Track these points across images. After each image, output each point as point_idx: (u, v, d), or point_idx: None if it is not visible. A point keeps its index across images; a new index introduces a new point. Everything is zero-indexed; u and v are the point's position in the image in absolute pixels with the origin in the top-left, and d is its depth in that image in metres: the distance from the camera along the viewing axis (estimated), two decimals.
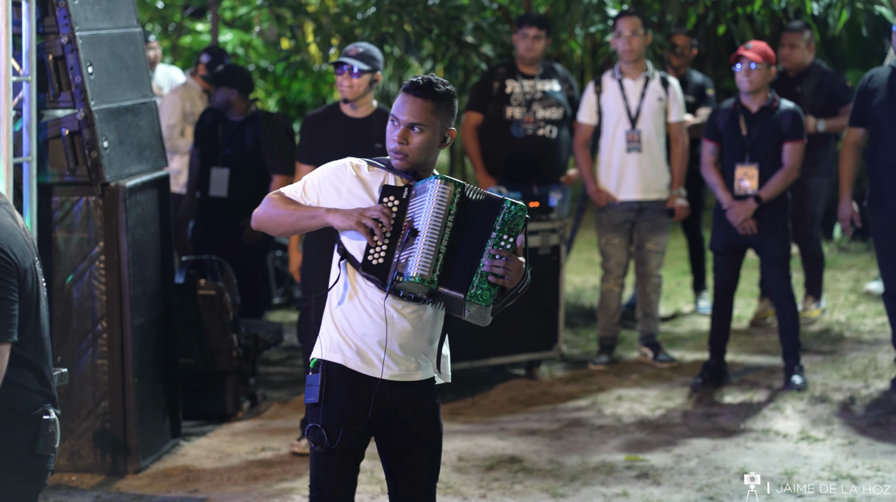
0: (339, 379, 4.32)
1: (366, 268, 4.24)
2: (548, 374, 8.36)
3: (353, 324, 4.32)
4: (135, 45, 6.75)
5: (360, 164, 4.36)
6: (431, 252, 4.20)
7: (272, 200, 4.36)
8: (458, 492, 6.37)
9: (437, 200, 4.21)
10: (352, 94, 6.72)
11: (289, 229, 4.37)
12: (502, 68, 8.73)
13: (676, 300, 10.14)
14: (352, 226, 4.22)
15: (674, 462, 6.76)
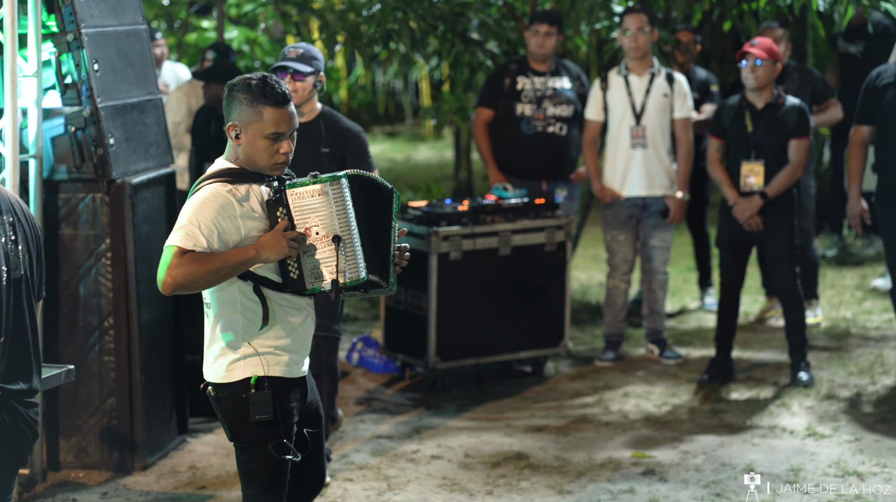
0: (283, 389, 4.42)
1: (291, 284, 4.36)
2: (554, 371, 8.36)
3: (277, 338, 4.42)
4: (140, 43, 6.76)
5: (228, 189, 4.32)
6: (357, 251, 4.33)
7: (188, 261, 4.19)
8: (464, 489, 6.38)
9: (338, 203, 4.31)
10: (297, 98, 6.26)
11: (213, 285, 4.32)
12: (513, 64, 8.72)
13: (682, 296, 10.14)
14: (285, 253, 4.29)
15: (680, 458, 6.76)
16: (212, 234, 4.24)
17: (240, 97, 4.33)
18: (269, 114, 4.30)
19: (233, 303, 4.39)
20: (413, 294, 7.98)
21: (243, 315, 4.39)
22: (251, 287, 4.36)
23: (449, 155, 16.98)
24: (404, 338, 8.10)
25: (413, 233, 7.97)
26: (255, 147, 4.33)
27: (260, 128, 4.32)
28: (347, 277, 4.32)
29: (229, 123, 4.36)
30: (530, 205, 8.19)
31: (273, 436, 4.39)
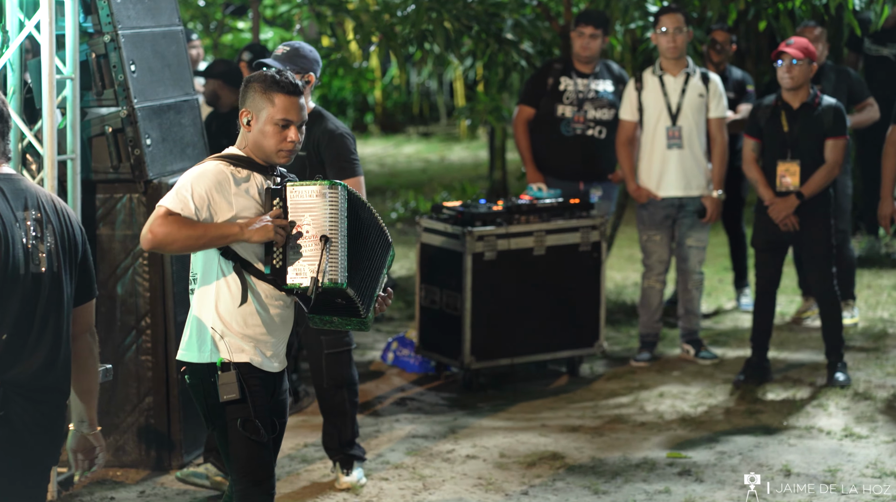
0: (249, 376, 4.50)
1: (272, 272, 4.44)
2: (589, 371, 8.35)
3: (249, 325, 4.49)
4: (177, 44, 6.79)
5: (230, 168, 4.46)
6: (341, 256, 4.42)
7: (172, 222, 4.32)
8: (499, 489, 6.38)
9: (332, 206, 4.43)
10: None
11: (192, 250, 4.43)
12: (558, 64, 8.72)
13: (718, 297, 10.10)
14: (270, 237, 4.39)
15: (716, 459, 6.74)
16: (202, 203, 4.37)
17: (254, 86, 4.53)
18: (280, 100, 4.49)
19: (211, 279, 4.49)
20: (448, 294, 7.99)
21: (218, 293, 4.48)
22: (232, 266, 4.46)
23: (483, 155, 16.98)
24: (439, 337, 8.11)
25: (448, 233, 7.98)
26: (265, 132, 4.50)
27: (271, 114, 4.49)
28: (327, 278, 4.39)
29: (242, 109, 4.54)
30: (565, 204, 8.19)
31: (242, 414, 4.47)
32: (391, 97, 19.68)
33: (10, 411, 3.97)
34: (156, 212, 4.36)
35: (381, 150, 18.12)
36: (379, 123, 19.49)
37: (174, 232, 4.31)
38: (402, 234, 12.86)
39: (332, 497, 6.28)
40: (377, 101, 19.49)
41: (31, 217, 4.05)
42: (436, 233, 8.10)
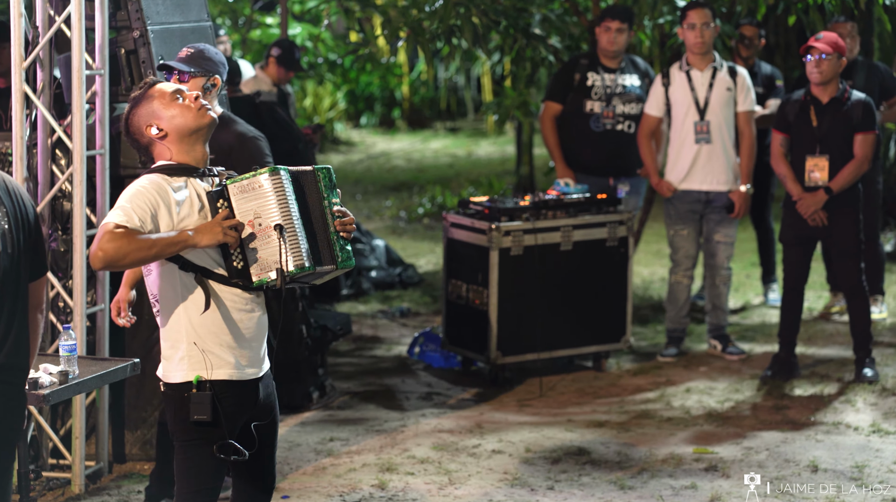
0: (224, 392, 4.42)
1: (235, 274, 4.36)
2: (615, 366, 8.35)
3: (223, 332, 4.40)
4: (205, 39, 6.81)
5: (167, 178, 4.36)
6: (300, 240, 4.33)
7: (120, 236, 4.19)
8: (525, 484, 6.39)
9: (278, 192, 4.32)
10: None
11: (143, 263, 4.32)
12: (584, 59, 8.71)
13: (746, 292, 10.08)
14: (221, 240, 4.29)
15: (743, 454, 6.73)
16: (145, 215, 4.25)
17: (133, 112, 4.44)
18: (154, 90, 4.43)
19: (175, 296, 4.40)
20: (474, 289, 8.00)
21: (185, 308, 4.39)
22: (193, 277, 4.37)
23: (510, 150, 16.98)
24: (465, 332, 8.12)
25: (474, 228, 7.99)
26: (175, 116, 4.39)
27: (161, 101, 4.41)
28: (292, 265, 4.31)
29: (145, 128, 4.42)
30: (592, 200, 8.18)
31: (213, 437, 4.40)
32: (419, 92, 19.70)
33: None
34: (102, 229, 4.22)
35: (409, 146, 18.14)
36: (406, 119, 19.52)
37: (124, 246, 4.17)
38: (429, 230, 12.88)
39: (358, 491, 6.31)
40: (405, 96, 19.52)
41: None
42: (462, 228, 8.11)
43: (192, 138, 4.43)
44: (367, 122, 19.23)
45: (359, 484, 6.39)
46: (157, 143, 4.42)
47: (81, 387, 5.22)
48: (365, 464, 6.66)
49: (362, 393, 7.92)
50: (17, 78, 6.20)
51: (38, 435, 6.32)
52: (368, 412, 7.55)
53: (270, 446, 4.69)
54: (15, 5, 6.13)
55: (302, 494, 6.26)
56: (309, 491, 6.29)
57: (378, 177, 15.80)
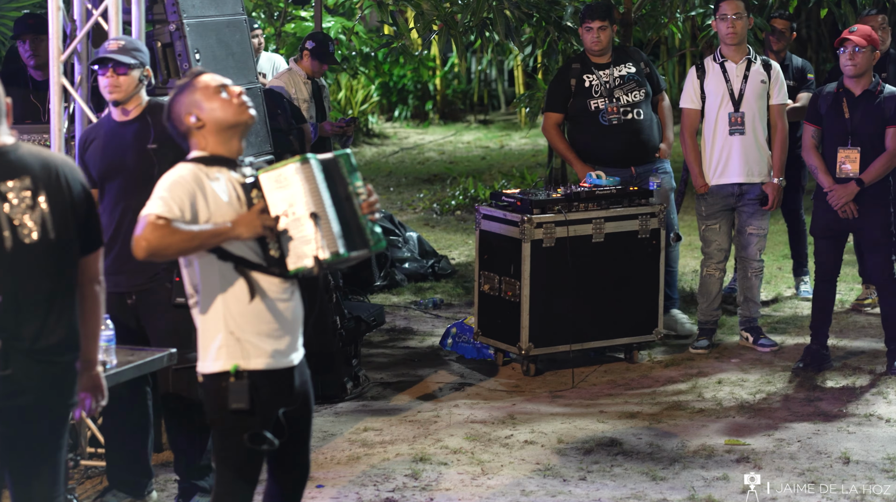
0: (262, 381, 4.47)
1: (273, 263, 4.42)
2: (647, 358, 8.37)
3: (263, 321, 4.47)
4: (241, 32, 6.88)
5: (202, 168, 4.43)
6: (334, 228, 4.38)
7: (163, 227, 4.26)
8: (557, 474, 6.42)
9: (309, 181, 4.39)
10: (121, 94, 5.76)
11: (186, 253, 4.39)
12: (575, 64, 8.70)
13: (777, 284, 10.08)
14: (259, 232, 4.37)
15: (775, 446, 6.75)
16: (184, 205, 4.32)
17: (175, 99, 4.52)
18: (199, 81, 4.51)
19: (214, 286, 4.45)
20: (506, 280, 8.04)
21: (224, 298, 4.45)
22: (231, 267, 4.43)
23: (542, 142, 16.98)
24: (498, 324, 8.16)
25: (507, 220, 8.02)
26: (216, 109, 4.48)
27: (204, 93, 4.49)
28: (328, 252, 4.38)
29: (185, 117, 4.50)
30: (624, 192, 8.21)
31: (249, 426, 4.45)
32: (451, 85, 19.72)
33: (17, 370, 4.16)
34: (143, 220, 4.29)
35: (441, 138, 18.16)
36: (439, 111, 19.54)
37: (166, 236, 4.26)
38: (462, 222, 12.92)
39: (392, 481, 6.36)
40: (437, 89, 19.54)
41: (22, 187, 4.16)
42: (495, 220, 8.14)
43: (229, 132, 4.51)
44: (401, 114, 19.27)
45: (392, 474, 6.44)
46: (195, 133, 4.50)
47: (119, 377, 5.28)
48: (398, 454, 6.71)
49: (396, 383, 7.97)
50: (55, 71, 6.28)
51: (76, 423, 6.39)
52: (402, 402, 7.60)
53: (305, 435, 4.74)
54: None
55: (336, 483, 6.31)
56: (343, 481, 6.35)
57: (411, 170, 15.84)
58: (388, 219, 10.87)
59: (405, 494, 6.20)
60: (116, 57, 5.70)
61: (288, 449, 4.66)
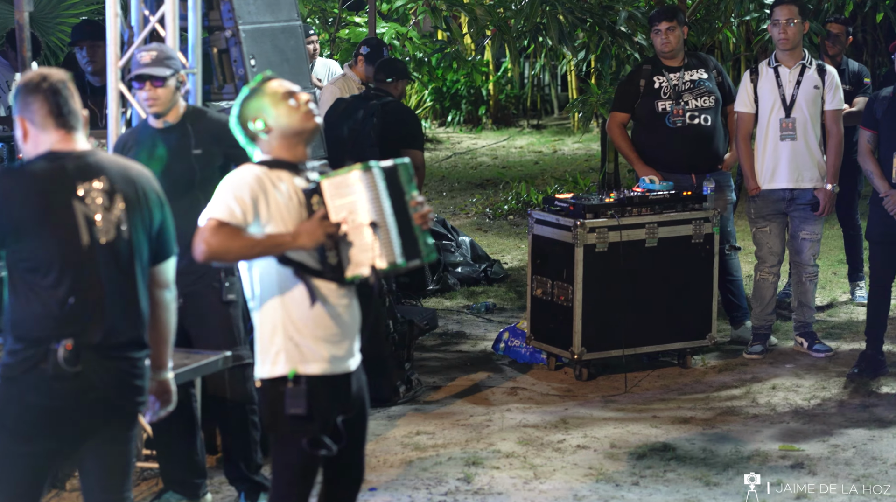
0: (319, 387, 4.49)
1: (330, 270, 4.44)
2: (701, 363, 8.34)
3: (322, 326, 4.49)
4: (295, 38, 6.92)
5: (266, 171, 4.46)
6: (393, 237, 4.41)
7: (225, 232, 4.32)
8: (610, 479, 6.42)
9: (371, 190, 4.41)
10: (160, 106, 5.81)
11: (245, 259, 4.44)
12: (647, 65, 8.70)
13: (832, 289, 10.02)
14: (321, 241, 4.40)
15: (829, 452, 6.71)
16: (246, 208, 4.37)
17: (244, 104, 4.57)
18: (268, 87, 4.55)
19: (273, 291, 4.48)
20: (559, 285, 8.03)
21: (284, 303, 4.48)
22: (291, 272, 4.46)
23: (595, 147, 16.96)
24: (550, 328, 8.16)
25: (559, 224, 8.03)
26: (282, 115, 4.51)
27: (272, 98, 4.53)
28: (385, 262, 4.41)
29: (253, 120, 4.54)
30: (677, 196, 8.18)
31: (306, 431, 4.47)
32: (504, 90, 19.72)
33: (86, 367, 4.28)
34: (206, 224, 4.35)
35: (494, 143, 18.17)
36: (492, 116, 19.55)
37: (227, 242, 4.32)
38: (514, 226, 12.92)
39: (444, 484, 6.37)
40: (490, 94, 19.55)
41: (97, 188, 4.33)
42: (548, 224, 8.14)
43: (294, 138, 4.54)
44: (454, 119, 19.30)
45: (445, 478, 6.45)
46: (261, 137, 4.55)
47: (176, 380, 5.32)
48: (451, 458, 6.72)
49: (448, 387, 7.99)
50: (112, 76, 6.35)
51: None
52: (454, 406, 7.62)
53: (360, 439, 4.76)
54: (111, 5, 6.27)
55: (389, 487, 6.34)
56: (396, 484, 6.37)
57: (464, 175, 15.87)
58: (440, 223, 10.90)
59: (457, 498, 6.21)
60: (151, 71, 5.72)
61: (343, 454, 4.68)
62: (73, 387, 4.28)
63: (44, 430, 4.30)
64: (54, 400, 4.26)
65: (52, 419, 4.29)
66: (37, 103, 4.32)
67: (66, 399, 4.28)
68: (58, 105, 4.33)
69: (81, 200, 4.30)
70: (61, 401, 4.27)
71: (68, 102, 4.36)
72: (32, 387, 4.26)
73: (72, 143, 4.35)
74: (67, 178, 4.31)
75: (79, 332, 4.27)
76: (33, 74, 4.35)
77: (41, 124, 4.33)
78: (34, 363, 4.25)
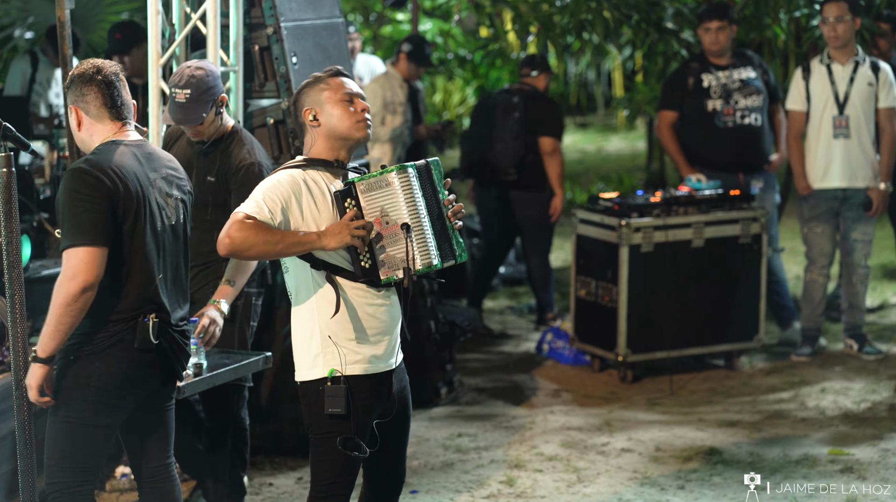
0: (359, 387, 4.46)
1: (363, 274, 4.40)
2: (748, 365, 8.23)
3: (356, 330, 4.45)
4: (337, 36, 6.86)
5: (302, 174, 4.42)
6: (428, 238, 4.37)
7: (249, 226, 4.30)
8: (655, 483, 6.32)
9: (405, 191, 4.36)
10: (202, 136, 5.71)
11: (268, 257, 4.43)
12: (694, 63, 8.61)
13: (883, 291, 9.87)
14: (347, 242, 4.35)
15: (880, 456, 6.59)
16: (276, 207, 4.35)
17: (304, 90, 4.54)
18: (333, 82, 4.51)
19: (308, 292, 4.46)
20: (603, 285, 7.94)
21: (318, 305, 4.45)
22: (324, 275, 4.43)
23: (641, 146, 16.84)
24: (594, 329, 8.07)
25: (604, 224, 7.93)
26: (335, 115, 4.47)
27: (331, 96, 4.48)
28: (420, 264, 4.35)
29: (304, 110, 4.49)
30: (725, 196, 8.08)
31: (343, 431, 4.43)
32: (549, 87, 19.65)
33: (163, 340, 4.67)
34: (233, 218, 4.35)
35: None
36: None
37: (251, 236, 4.30)
38: (559, 226, 12.82)
39: (486, 487, 6.30)
40: None
41: (162, 175, 4.70)
42: (592, 224, 8.06)
43: (340, 142, 4.51)
44: None
45: (487, 481, 6.38)
46: (309, 129, 4.52)
47: (215, 380, 5.28)
48: (493, 461, 6.65)
49: (490, 389, 7.92)
50: (154, 74, 6.31)
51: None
52: (496, 408, 7.54)
53: (402, 441, 4.71)
54: (152, 3, 6.23)
55: (430, 489, 6.27)
56: (437, 487, 6.31)
57: None
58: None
59: (499, 501, 6.14)
60: (188, 121, 5.59)
61: (385, 455, 4.64)
62: (149, 361, 4.63)
63: (123, 400, 4.60)
64: (137, 370, 4.60)
65: (134, 387, 4.62)
66: (91, 94, 4.58)
67: (146, 368, 4.63)
68: (112, 97, 4.59)
69: (153, 185, 4.64)
70: (142, 371, 4.62)
71: (122, 94, 4.63)
72: (117, 360, 4.56)
73: (127, 134, 4.64)
74: (141, 166, 4.60)
75: (158, 308, 4.62)
76: (88, 66, 4.59)
77: (96, 115, 4.60)
78: (121, 337, 4.55)
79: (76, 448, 4.59)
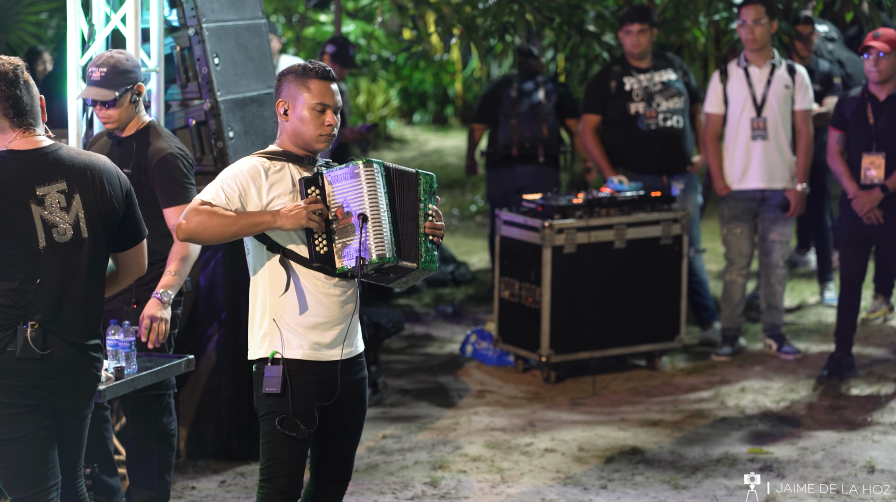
0: (297, 370, 4.50)
1: (317, 259, 4.46)
2: (669, 365, 8.30)
3: (302, 314, 4.50)
4: (260, 37, 6.83)
5: (264, 162, 4.50)
6: (385, 231, 4.41)
7: (203, 211, 4.39)
8: (578, 483, 6.36)
9: (369, 183, 4.42)
10: (115, 124, 5.66)
11: (224, 239, 4.47)
12: (616, 66, 8.67)
13: (802, 291, 10.00)
14: (303, 224, 4.41)
15: (798, 455, 6.67)
16: (232, 195, 4.43)
17: (289, 77, 4.57)
18: (315, 85, 4.53)
19: (263, 274, 4.53)
20: (527, 287, 7.98)
21: (270, 287, 4.51)
22: (277, 258, 4.49)
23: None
24: (518, 330, 8.10)
25: (527, 226, 7.97)
26: (303, 119, 4.52)
27: (307, 99, 4.52)
28: (375, 254, 4.39)
29: (279, 100, 4.56)
30: (646, 198, 8.14)
31: (282, 411, 4.48)
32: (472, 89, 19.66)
33: (54, 350, 4.39)
34: (191, 204, 4.44)
35: (461, 143, 18.10)
36: (459, 116, 19.49)
37: (205, 220, 4.38)
38: (482, 227, 12.86)
39: (411, 488, 6.30)
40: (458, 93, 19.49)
41: (57, 189, 4.36)
42: (515, 225, 8.09)
43: (300, 143, 4.57)
44: (420, 119, 19.23)
45: (411, 482, 6.39)
46: (279, 119, 4.58)
47: (136, 383, 5.24)
48: (417, 462, 6.65)
49: (415, 390, 7.92)
50: (73, 75, 6.24)
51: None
52: (421, 409, 7.55)
53: (350, 435, 4.73)
54: (72, 3, 6.17)
55: (354, 491, 6.26)
56: (361, 488, 6.30)
57: None
58: None
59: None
60: (98, 95, 5.56)
61: (330, 448, 4.68)
62: (44, 369, 4.39)
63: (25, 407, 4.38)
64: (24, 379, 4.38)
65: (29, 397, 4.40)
66: None
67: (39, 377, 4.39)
68: (12, 101, 4.30)
69: (41, 202, 4.31)
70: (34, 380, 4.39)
71: (22, 98, 4.33)
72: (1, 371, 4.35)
73: (30, 141, 4.35)
74: (26, 180, 4.30)
75: (43, 318, 4.36)
76: None
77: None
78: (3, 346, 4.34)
79: (11, 463, 4.43)
